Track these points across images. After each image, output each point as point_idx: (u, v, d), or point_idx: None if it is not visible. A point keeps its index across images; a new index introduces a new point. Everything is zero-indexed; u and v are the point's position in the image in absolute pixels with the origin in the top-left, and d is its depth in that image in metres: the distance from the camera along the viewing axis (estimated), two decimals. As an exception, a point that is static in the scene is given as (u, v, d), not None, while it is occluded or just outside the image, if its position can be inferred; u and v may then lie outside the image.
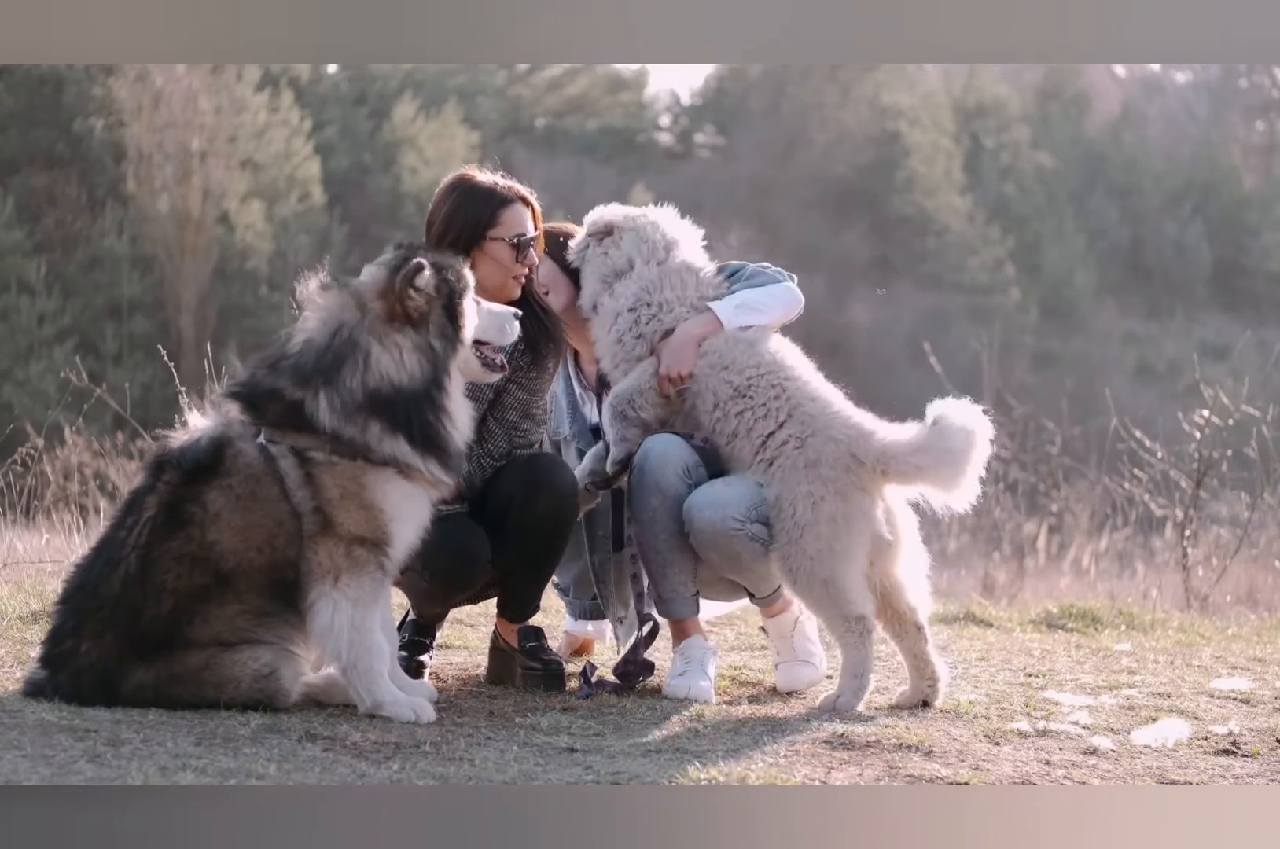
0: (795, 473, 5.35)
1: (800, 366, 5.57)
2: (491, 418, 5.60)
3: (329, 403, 4.81)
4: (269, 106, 35.44)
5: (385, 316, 4.88)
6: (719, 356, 5.55)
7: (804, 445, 5.38)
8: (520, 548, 5.53)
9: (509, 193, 5.61)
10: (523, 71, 46.24)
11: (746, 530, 5.38)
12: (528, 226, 5.60)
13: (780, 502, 5.34)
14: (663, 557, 5.52)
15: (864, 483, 5.35)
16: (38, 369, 28.68)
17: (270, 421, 4.84)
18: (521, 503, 5.46)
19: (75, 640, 4.76)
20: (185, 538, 4.77)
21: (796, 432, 5.40)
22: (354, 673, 4.85)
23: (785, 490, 5.34)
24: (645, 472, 5.50)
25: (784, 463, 5.38)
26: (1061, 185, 45.52)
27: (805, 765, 4.59)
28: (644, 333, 5.63)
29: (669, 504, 5.48)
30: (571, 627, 6.34)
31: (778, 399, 5.46)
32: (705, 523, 5.40)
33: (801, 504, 5.31)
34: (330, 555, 4.80)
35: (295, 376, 4.85)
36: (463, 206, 5.56)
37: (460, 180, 5.63)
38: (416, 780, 4.16)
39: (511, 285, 5.60)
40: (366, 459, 4.81)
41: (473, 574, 5.56)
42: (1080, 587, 11.26)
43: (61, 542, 8.76)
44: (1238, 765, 4.94)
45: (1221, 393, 10.65)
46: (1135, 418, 11.78)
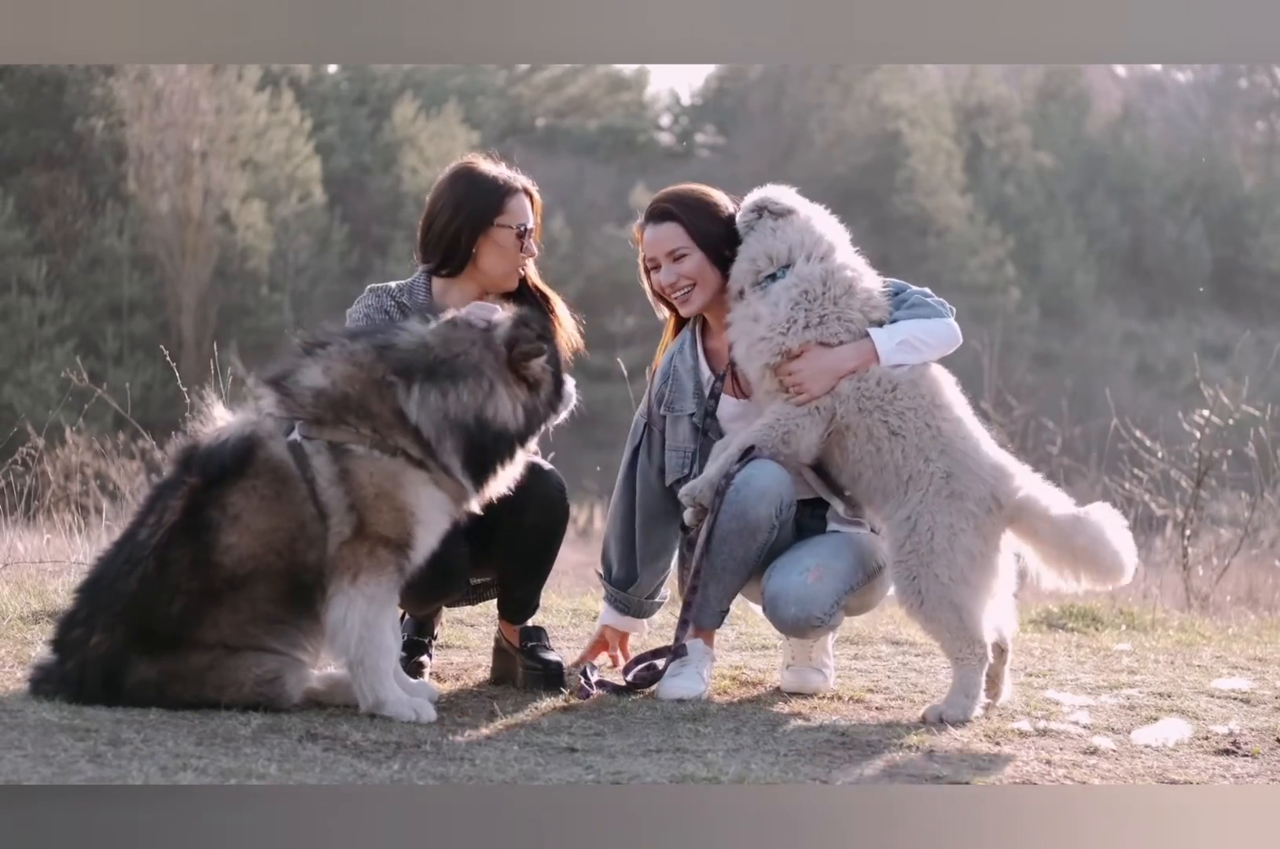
0: (939, 502, 5.30)
1: (955, 404, 5.47)
2: None
3: (422, 398, 4.87)
4: (269, 106, 35.46)
5: (509, 368, 5.02)
6: (878, 400, 5.40)
7: (950, 478, 5.33)
8: (513, 553, 5.56)
9: (514, 183, 5.65)
10: (523, 71, 46.23)
11: (827, 624, 5.48)
12: (530, 216, 5.65)
13: (918, 526, 5.29)
14: (715, 573, 5.48)
15: (998, 523, 5.35)
16: (38, 369, 28.70)
17: (311, 414, 4.84)
18: (511, 512, 5.37)
19: (86, 630, 4.77)
20: (204, 542, 4.77)
21: (945, 466, 5.34)
22: (360, 669, 4.86)
23: (924, 517, 5.29)
24: (740, 498, 5.37)
25: (929, 491, 5.32)
26: (1061, 185, 45.51)
27: (806, 765, 4.59)
28: (789, 345, 5.40)
29: (746, 535, 5.41)
30: (615, 620, 5.97)
31: (933, 439, 5.37)
32: (790, 617, 5.42)
33: (941, 534, 5.28)
34: (354, 554, 4.82)
35: (399, 366, 4.90)
36: (470, 194, 5.58)
37: (465, 168, 5.66)
38: (416, 780, 4.16)
39: (512, 275, 5.64)
40: (408, 457, 4.84)
41: (447, 586, 5.51)
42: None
43: (62, 542, 8.76)
44: (1238, 765, 4.94)
45: (1221, 393, 10.65)
46: (1135, 418, 11.77)
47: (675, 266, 5.62)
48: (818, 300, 5.42)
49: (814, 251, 5.48)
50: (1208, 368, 15.13)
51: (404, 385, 4.88)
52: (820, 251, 5.48)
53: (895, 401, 5.39)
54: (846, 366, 5.40)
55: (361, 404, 4.87)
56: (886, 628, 7.51)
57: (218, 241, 33.33)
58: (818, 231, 5.52)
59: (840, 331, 5.42)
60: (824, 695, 5.68)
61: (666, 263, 5.63)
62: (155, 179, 32.83)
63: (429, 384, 4.89)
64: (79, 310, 31.00)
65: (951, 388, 5.53)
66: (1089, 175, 46.27)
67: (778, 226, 5.50)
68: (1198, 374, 11.06)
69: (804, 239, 5.48)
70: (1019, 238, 43.48)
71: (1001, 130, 46.56)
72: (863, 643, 7.12)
